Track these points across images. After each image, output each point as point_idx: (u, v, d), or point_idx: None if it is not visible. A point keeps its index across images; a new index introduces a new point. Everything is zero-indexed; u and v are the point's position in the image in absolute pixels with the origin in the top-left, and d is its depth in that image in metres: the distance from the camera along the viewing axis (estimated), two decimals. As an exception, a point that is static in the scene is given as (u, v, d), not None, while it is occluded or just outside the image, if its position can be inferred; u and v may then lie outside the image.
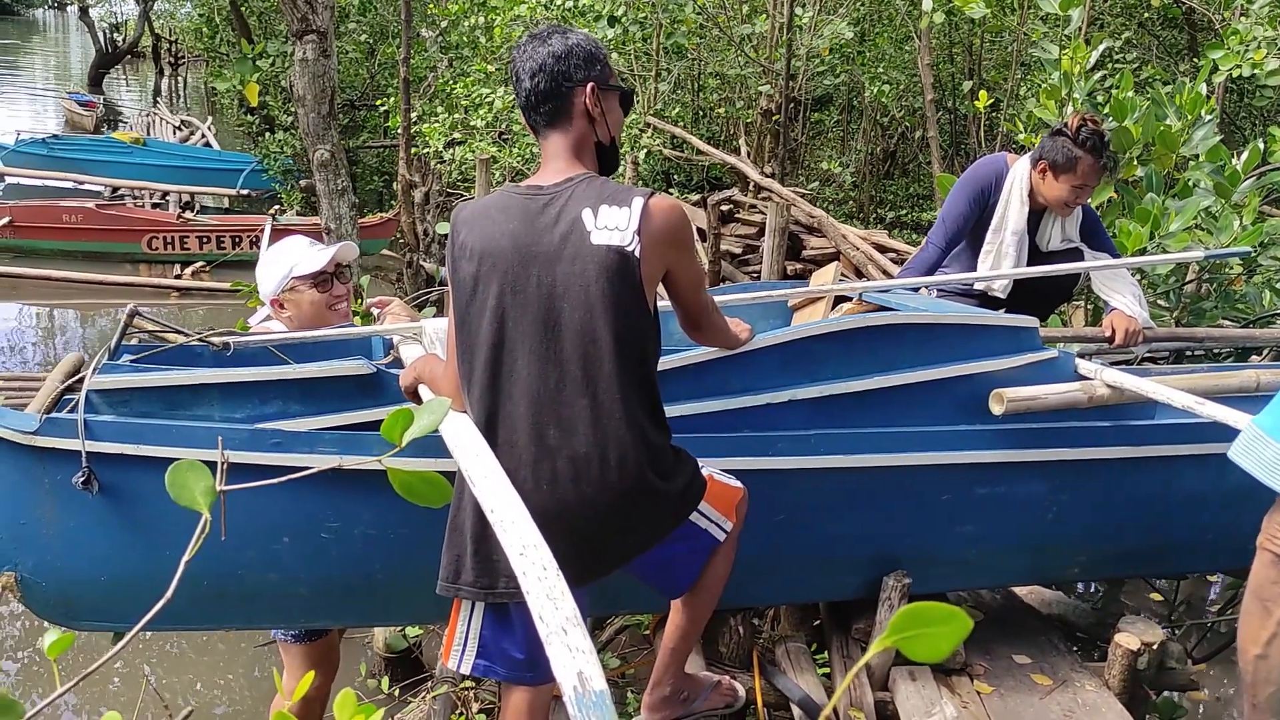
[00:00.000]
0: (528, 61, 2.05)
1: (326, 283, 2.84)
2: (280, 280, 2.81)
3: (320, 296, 2.83)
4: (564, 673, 1.01)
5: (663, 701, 2.50)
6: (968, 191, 3.50)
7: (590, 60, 2.06)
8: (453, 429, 1.87)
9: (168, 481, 1.03)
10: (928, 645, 0.75)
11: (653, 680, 2.50)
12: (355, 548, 2.35)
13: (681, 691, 2.52)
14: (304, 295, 2.81)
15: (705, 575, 2.31)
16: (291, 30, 5.26)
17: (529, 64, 2.05)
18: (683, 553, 2.24)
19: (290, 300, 2.82)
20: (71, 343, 8.84)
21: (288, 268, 2.80)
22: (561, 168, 2.05)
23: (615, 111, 2.13)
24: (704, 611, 2.38)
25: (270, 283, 2.82)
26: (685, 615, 2.38)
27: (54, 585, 2.30)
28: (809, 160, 12.99)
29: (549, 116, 2.06)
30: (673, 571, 2.28)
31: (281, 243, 2.90)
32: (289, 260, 2.81)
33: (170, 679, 4.10)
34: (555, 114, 2.06)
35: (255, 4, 14.15)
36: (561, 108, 2.05)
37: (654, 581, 2.30)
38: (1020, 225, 3.45)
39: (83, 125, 19.19)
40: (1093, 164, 3.30)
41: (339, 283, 2.88)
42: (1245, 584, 1.97)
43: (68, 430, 2.16)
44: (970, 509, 2.71)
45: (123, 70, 34.61)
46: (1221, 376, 2.87)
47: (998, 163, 3.54)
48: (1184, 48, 10.98)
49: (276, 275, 2.81)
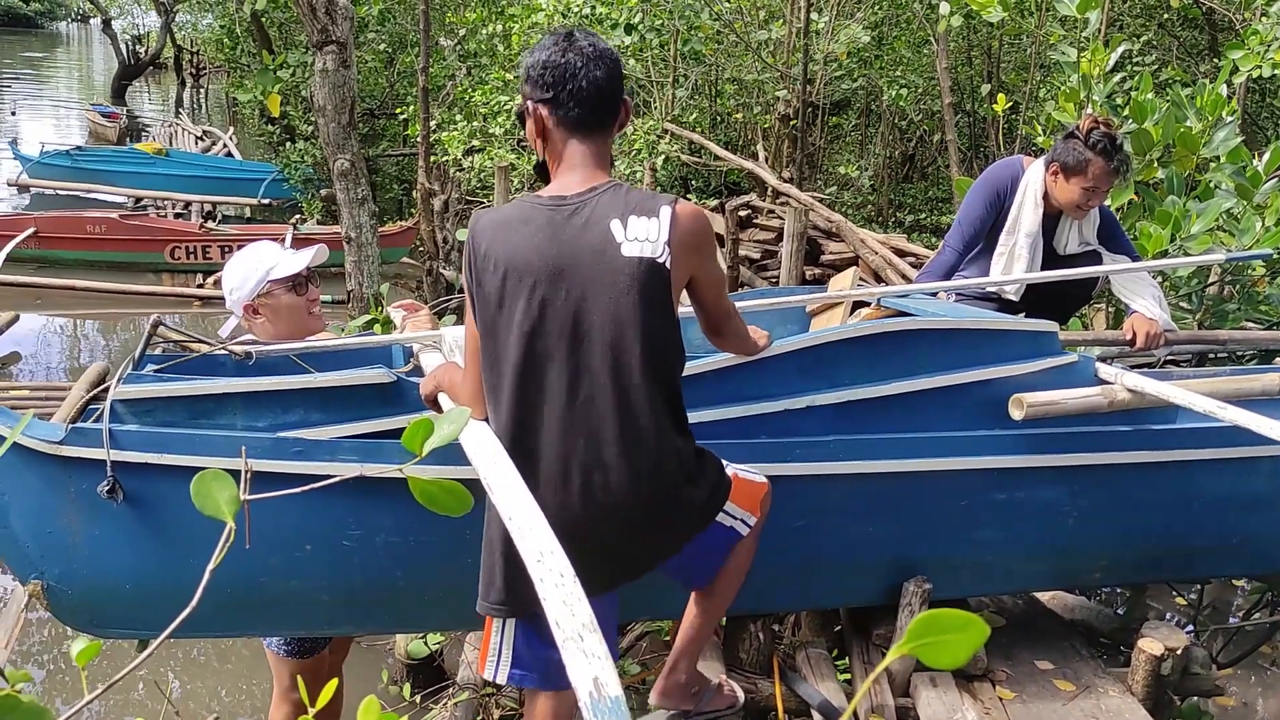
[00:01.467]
0: (583, 59, 1.95)
1: (303, 286, 2.77)
2: (256, 284, 2.71)
3: (298, 300, 2.76)
4: (579, 678, 1.02)
5: (676, 687, 2.49)
6: (983, 194, 3.49)
7: (624, 76, 2.09)
8: (473, 438, 1.88)
9: (193, 491, 1.04)
10: (945, 652, 0.75)
11: (667, 666, 2.49)
12: (377, 555, 2.37)
13: (694, 685, 2.53)
14: (281, 299, 2.74)
15: (727, 566, 2.32)
16: (311, 41, 5.31)
17: (584, 60, 1.95)
18: (707, 548, 2.24)
19: (266, 305, 2.74)
20: (96, 353, 8.92)
21: (264, 271, 2.72)
22: (585, 176, 2.01)
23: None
24: (724, 601, 2.39)
25: (244, 288, 2.72)
26: (705, 604, 2.39)
27: (80, 593, 2.32)
28: (827, 165, 12.98)
29: (594, 121, 2.00)
30: (696, 566, 2.29)
31: (250, 248, 2.81)
32: (264, 264, 2.73)
33: (193, 685, 4.13)
34: (599, 121, 2.01)
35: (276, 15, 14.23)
36: (606, 116, 2.01)
37: (677, 575, 2.32)
38: (1034, 228, 3.43)
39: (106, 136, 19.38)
40: (1103, 166, 3.28)
41: (312, 286, 2.81)
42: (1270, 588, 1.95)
43: (93, 440, 2.19)
44: (991, 514, 2.71)
45: (145, 82, 34.91)
46: (1244, 380, 2.85)
47: (1014, 165, 3.53)
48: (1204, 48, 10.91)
49: (251, 279, 2.72)
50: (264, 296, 2.74)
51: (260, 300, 2.74)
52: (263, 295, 2.73)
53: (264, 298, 2.74)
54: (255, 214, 13.07)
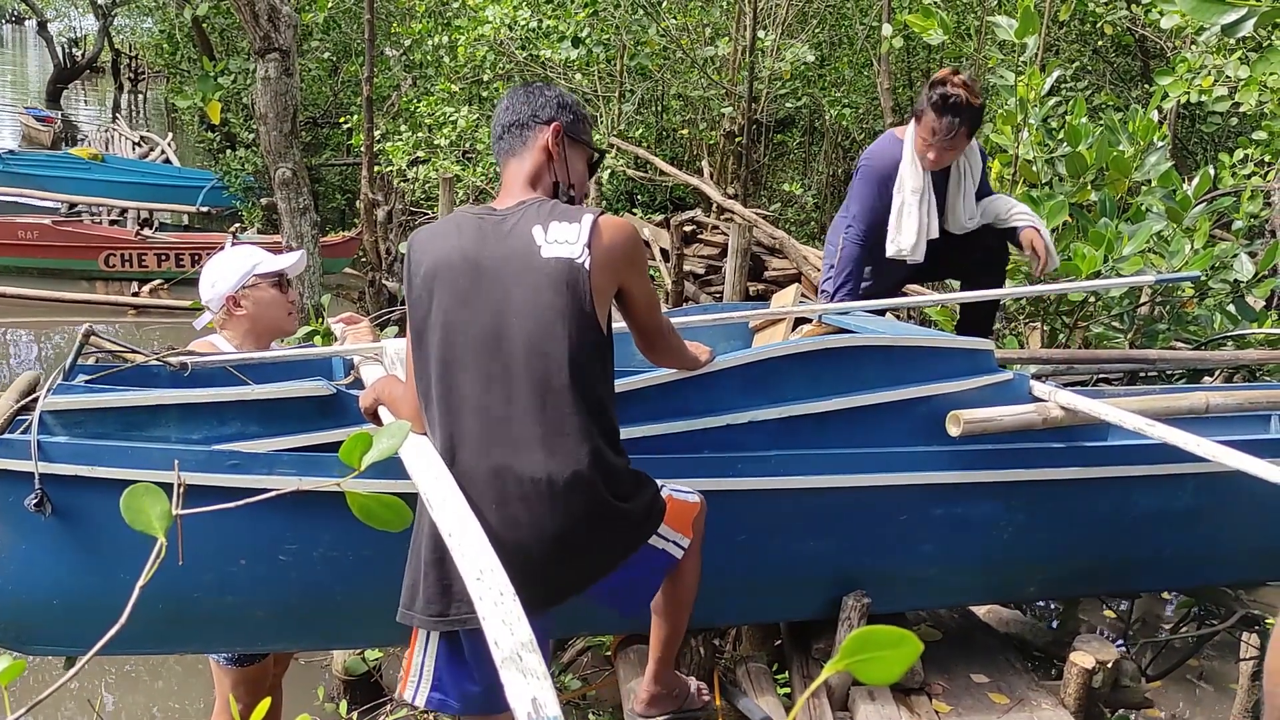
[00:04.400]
0: (508, 98, 2.17)
1: (285, 285, 2.85)
2: (242, 276, 2.78)
3: (280, 297, 2.83)
4: (518, 700, 1.02)
5: (658, 698, 2.52)
6: (872, 180, 3.53)
7: (564, 107, 2.15)
8: (411, 452, 1.86)
9: (123, 506, 1.02)
10: (879, 668, 0.77)
11: (645, 681, 2.51)
12: (314, 570, 2.34)
13: (674, 689, 2.55)
14: (265, 293, 2.80)
15: (675, 588, 2.31)
16: (254, 48, 5.24)
17: (508, 100, 2.17)
18: (641, 575, 2.22)
19: (250, 296, 2.79)
20: (26, 361, 8.70)
21: (250, 265, 2.79)
22: (516, 193, 2.10)
23: (579, 164, 2.19)
24: (681, 619, 2.39)
25: (229, 279, 2.77)
26: (664, 625, 2.40)
27: (5, 609, 2.26)
28: (771, 181, 13.09)
29: (510, 144, 2.14)
30: (630, 594, 2.26)
31: (237, 247, 2.91)
32: (252, 259, 2.81)
33: (125, 702, 4.03)
34: (516, 143, 2.13)
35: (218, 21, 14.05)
36: (523, 137, 2.12)
37: (611, 604, 2.28)
38: (918, 184, 3.47)
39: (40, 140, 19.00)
40: (935, 119, 3.34)
41: (290, 289, 2.88)
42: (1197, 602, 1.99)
43: (20, 451, 2.13)
44: (928, 529, 2.74)
45: (81, 85, 34.23)
46: (1173, 399, 2.92)
47: (889, 142, 3.57)
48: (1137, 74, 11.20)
49: (238, 272, 2.78)
50: (249, 289, 2.79)
51: (244, 292, 2.79)
52: (248, 287, 2.79)
53: (249, 289, 2.79)
54: (194, 222, 12.87)
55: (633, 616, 2.36)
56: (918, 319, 5.24)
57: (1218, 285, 4.33)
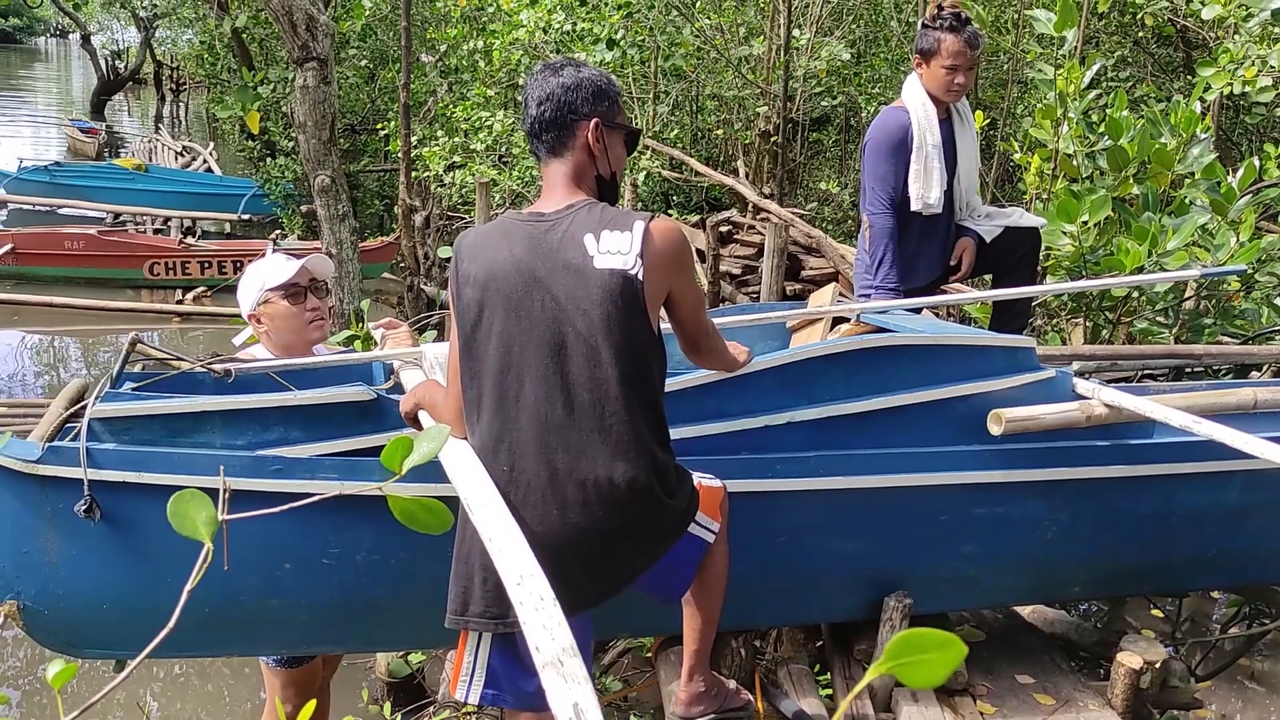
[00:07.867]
0: (537, 89, 2.10)
1: (299, 295, 2.81)
2: (255, 294, 2.80)
3: (293, 309, 2.80)
4: (559, 704, 1.02)
5: (697, 697, 2.52)
6: (885, 149, 3.53)
7: (599, 96, 2.11)
8: (452, 456, 1.88)
9: (169, 512, 1.04)
10: (923, 671, 0.76)
11: (683, 681, 2.52)
12: (357, 573, 2.36)
13: (713, 688, 2.55)
14: (277, 307, 2.79)
15: (705, 574, 2.33)
16: (292, 57, 5.30)
17: (538, 92, 2.09)
18: (679, 560, 2.25)
19: (265, 314, 2.80)
20: (74, 369, 8.85)
21: (260, 282, 2.80)
22: (562, 195, 2.09)
23: (618, 148, 2.17)
24: (714, 608, 2.41)
25: (246, 300, 2.82)
26: (697, 615, 2.41)
27: (56, 614, 2.30)
28: (807, 180, 13.03)
29: (551, 145, 2.11)
30: (669, 579, 2.30)
31: (260, 259, 2.91)
32: (261, 275, 2.81)
33: (173, 706, 4.09)
34: (557, 143, 2.10)
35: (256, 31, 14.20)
36: (563, 138, 2.10)
37: (651, 590, 2.31)
38: (937, 136, 3.51)
39: (85, 152, 19.29)
40: (954, 41, 3.40)
41: (314, 296, 2.85)
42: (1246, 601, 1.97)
43: (70, 458, 2.17)
44: (970, 529, 2.72)
45: (124, 97, 34.78)
46: (1219, 395, 2.87)
47: (895, 114, 3.57)
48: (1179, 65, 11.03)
49: (252, 290, 2.80)
50: (263, 305, 2.80)
51: (260, 310, 2.80)
52: (262, 305, 2.80)
53: (263, 306, 2.80)
54: (235, 229, 13.02)
55: (671, 601, 2.38)
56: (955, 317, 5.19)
57: (1264, 278, 4.26)
